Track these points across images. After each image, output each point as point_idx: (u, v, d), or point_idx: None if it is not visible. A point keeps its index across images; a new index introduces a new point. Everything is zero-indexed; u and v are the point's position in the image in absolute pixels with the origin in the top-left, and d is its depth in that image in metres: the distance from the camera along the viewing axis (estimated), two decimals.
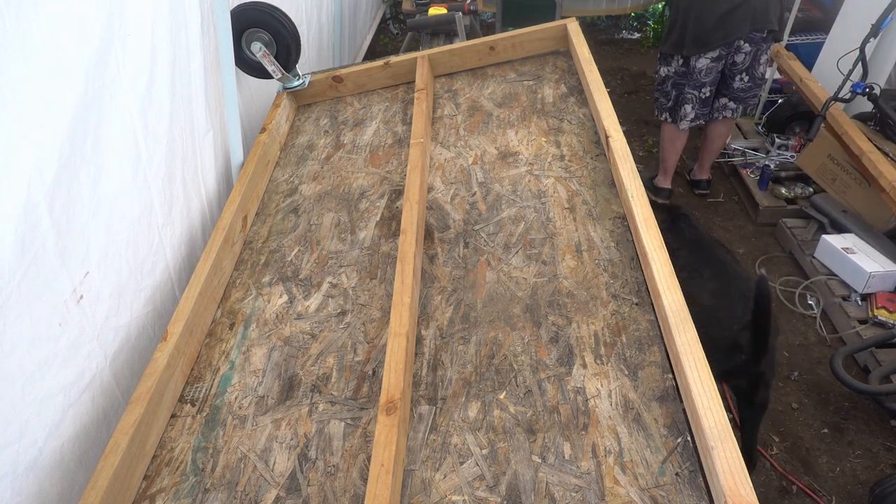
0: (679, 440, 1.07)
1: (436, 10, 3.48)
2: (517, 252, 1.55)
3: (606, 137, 1.66)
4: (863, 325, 2.57)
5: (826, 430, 2.28)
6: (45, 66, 1.16)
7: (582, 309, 1.36)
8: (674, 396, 1.14)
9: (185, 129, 1.76)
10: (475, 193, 1.77)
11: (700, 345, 1.09)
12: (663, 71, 3.14)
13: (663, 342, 1.24)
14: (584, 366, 1.24)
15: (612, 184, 1.67)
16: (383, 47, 5.34)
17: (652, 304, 1.32)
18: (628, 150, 1.60)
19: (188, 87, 1.76)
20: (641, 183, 1.49)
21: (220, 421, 1.34)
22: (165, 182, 1.66)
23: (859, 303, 2.68)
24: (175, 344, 1.40)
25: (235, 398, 1.38)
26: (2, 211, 1.08)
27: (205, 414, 1.36)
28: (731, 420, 2.27)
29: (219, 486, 1.21)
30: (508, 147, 1.93)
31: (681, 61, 3.04)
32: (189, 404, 1.40)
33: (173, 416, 1.38)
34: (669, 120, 3.21)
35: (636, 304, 1.33)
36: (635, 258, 1.44)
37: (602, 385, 1.20)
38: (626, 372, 1.21)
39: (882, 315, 2.54)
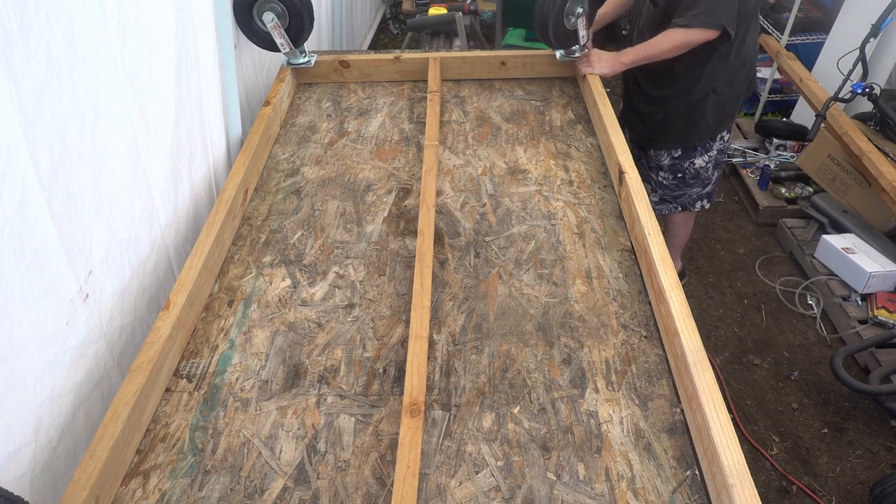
0: (688, 473, 1.13)
1: (436, 10, 3.49)
2: (528, 269, 1.58)
3: (621, 173, 1.72)
4: (863, 325, 2.58)
5: (826, 430, 2.30)
6: (43, 61, 1.12)
7: (593, 335, 1.41)
8: (682, 430, 1.21)
9: (192, 129, 1.74)
10: (485, 205, 1.80)
11: (717, 385, 1.16)
12: (706, 158, 2.56)
13: (671, 376, 1.31)
14: (597, 390, 1.29)
15: (619, 216, 1.74)
16: (383, 47, 5.29)
17: (660, 338, 1.38)
18: (643, 187, 1.67)
19: (197, 85, 1.77)
20: (657, 221, 1.55)
21: (220, 401, 1.29)
22: (169, 181, 1.63)
23: (859, 303, 2.69)
24: (177, 315, 1.35)
25: (237, 379, 1.34)
26: None
27: (203, 392, 1.31)
28: (732, 419, 2.33)
29: (220, 469, 1.17)
30: (518, 163, 1.96)
31: (722, 139, 2.58)
32: (185, 379, 1.34)
33: (168, 389, 1.32)
34: (707, 205, 2.74)
35: (645, 337, 1.39)
36: (643, 292, 1.51)
37: (614, 411, 1.25)
38: (637, 401, 1.26)
39: (882, 315, 2.55)
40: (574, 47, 2.31)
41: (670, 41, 2.18)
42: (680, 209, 2.72)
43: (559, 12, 2.16)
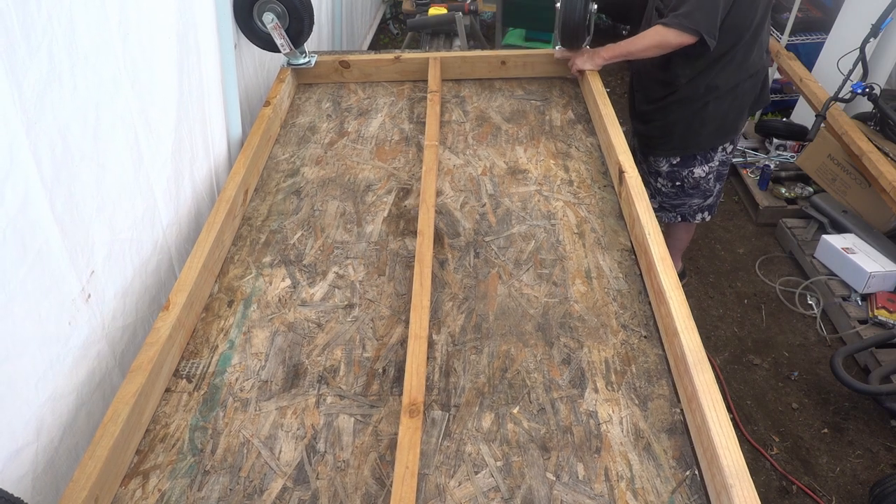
0: (688, 473, 1.13)
1: (436, 10, 3.49)
2: (528, 270, 1.58)
3: (621, 172, 1.72)
4: (863, 325, 2.59)
5: (826, 430, 2.31)
6: (45, 61, 1.13)
7: (592, 335, 1.41)
8: (682, 430, 1.21)
9: (193, 129, 1.75)
10: (485, 205, 1.80)
11: (717, 386, 1.16)
12: (706, 168, 2.52)
13: (670, 376, 1.31)
14: (596, 390, 1.29)
15: (619, 215, 1.74)
16: (383, 47, 5.30)
17: (660, 338, 1.38)
18: (643, 186, 1.67)
19: (199, 85, 1.77)
20: (657, 220, 1.56)
21: (219, 401, 1.29)
22: (171, 181, 1.63)
23: (859, 303, 2.69)
24: (177, 315, 1.35)
25: (236, 380, 1.34)
26: None
27: (203, 392, 1.31)
28: (732, 419, 2.32)
29: (220, 469, 1.18)
30: (517, 163, 1.96)
31: (724, 151, 2.52)
32: (185, 380, 1.34)
33: (167, 390, 1.32)
34: (709, 217, 2.70)
35: (645, 337, 1.40)
36: (643, 292, 1.51)
37: (613, 411, 1.25)
38: (637, 401, 1.26)
39: (882, 315, 2.56)
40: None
41: (647, 40, 2.19)
42: (680, 219, 2.69)
43: (585, 16, 2.19)
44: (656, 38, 2.17)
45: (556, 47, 2.39)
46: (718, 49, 2.17)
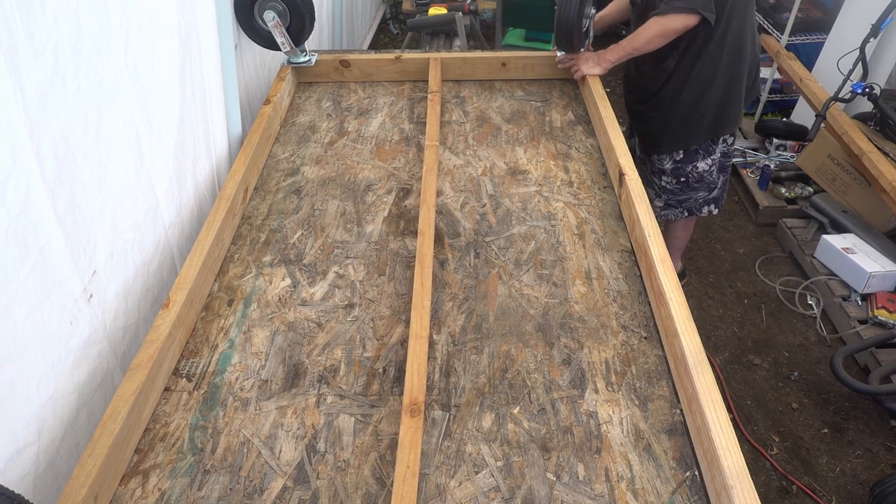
0: (688, 474, 1.14)
1: (436, 10, 3.49)
2: (528, 270, 1.58)
3: (621, 175, 1.73)
4: (863, 325, 2.60)
5: (826, 430, 2.32)
6: (49, 62, 1.13)
7: (593, 335, 1.41)
8: (682, 431, 1.21)
9: (196, 129, 1.75)
10: (485, 205, 1.80)
11: (717, 387, 1.16)
12: (709, 161, 2.51)
13: (671, 377, 1.31)
14: (596, 391, 1.29)
15: (619, 217, 1.74)
16: (383, 47, 5.31)
17: (660, 339, 1.39)
18: (643, 188, 1.67)
19: (201, 85, 1.77)
20: (663, 218, 1.56)
21: (219, 401, 1.29)
22: (173, 181, 1.63)
23: (859, 303, 2.71)
24: (177, 313, 1.35)
25: (236, 379, 1.34)
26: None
27: (203, 391, 1.31)
28: (732, 419, 2.34)
29: (220, 468, 1.18)
30: (518, 164, 1.97)
31: (725, 143, 2.53)
32: (184, 379, 1.34)
33: (167, 389, 1.32)
34: (716, 210, 2.67)
35: (645, 338, 1.40)
36: (643, 293, 1.51)
37: (614, 412, 1.25)
38: (637, 402, 1.27)
39: (882, 315, 2.57)
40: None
41: (650, 31, 2.18)
42: (686, 214, 2.66)
43: (579, 18, 2.18)
44: (658, 28, 2.17)
45: (558, 52, 2.38)
46: (702, 34, 2.18)
